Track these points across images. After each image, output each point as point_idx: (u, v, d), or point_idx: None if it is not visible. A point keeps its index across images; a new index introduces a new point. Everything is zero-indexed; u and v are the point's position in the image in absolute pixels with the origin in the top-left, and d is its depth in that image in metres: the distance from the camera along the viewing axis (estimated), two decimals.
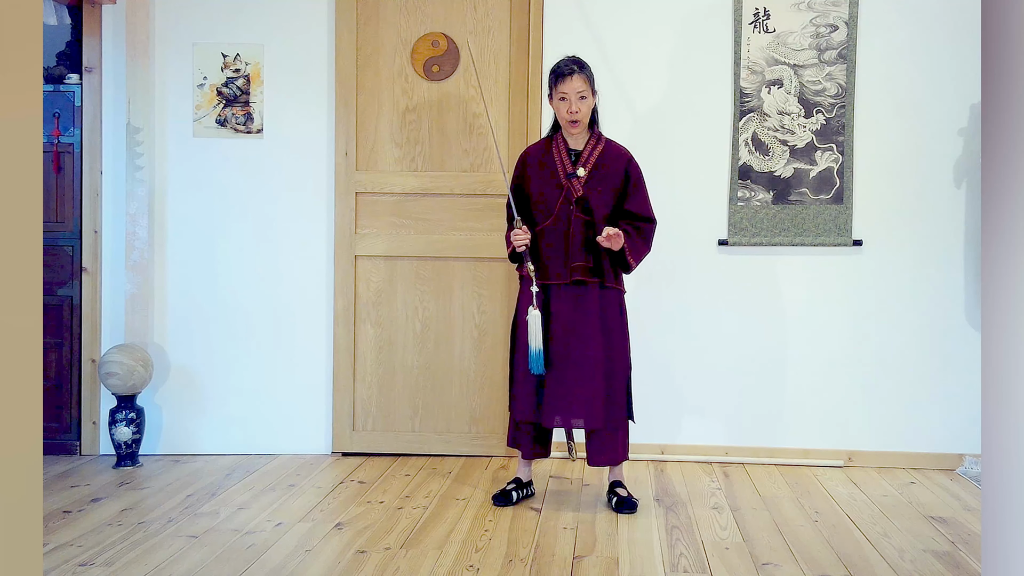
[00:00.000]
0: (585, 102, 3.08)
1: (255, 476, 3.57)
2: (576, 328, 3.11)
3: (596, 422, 3.10)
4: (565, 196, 3.11)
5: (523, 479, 3.28)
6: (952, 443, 3.76)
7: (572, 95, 3.06)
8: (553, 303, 3.13)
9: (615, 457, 3.19)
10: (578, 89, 3.06)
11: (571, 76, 3.05)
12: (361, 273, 3.89)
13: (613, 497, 3.18)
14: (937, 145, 3.74)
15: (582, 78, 3.06)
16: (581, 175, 3.10)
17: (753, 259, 3.81)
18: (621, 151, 3.18)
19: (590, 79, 3.10)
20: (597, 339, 3.10)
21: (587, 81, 3.08)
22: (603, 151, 3.15)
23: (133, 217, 3.84)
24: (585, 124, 3.14)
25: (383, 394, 3.90)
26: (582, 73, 3.07)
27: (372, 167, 3.88)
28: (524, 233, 3.09)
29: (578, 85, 3.06)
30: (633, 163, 3.17)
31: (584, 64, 3.11)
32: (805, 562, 2.68)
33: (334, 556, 2.70)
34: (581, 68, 3.08)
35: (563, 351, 3.11)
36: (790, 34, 3.75)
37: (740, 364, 3.82)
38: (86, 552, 2.71)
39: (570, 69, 3.07)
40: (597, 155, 3.14)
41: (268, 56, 3.86)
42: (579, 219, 3.10)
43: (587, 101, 3.09)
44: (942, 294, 3.76)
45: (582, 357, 3.09)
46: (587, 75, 3.09)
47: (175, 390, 3.91)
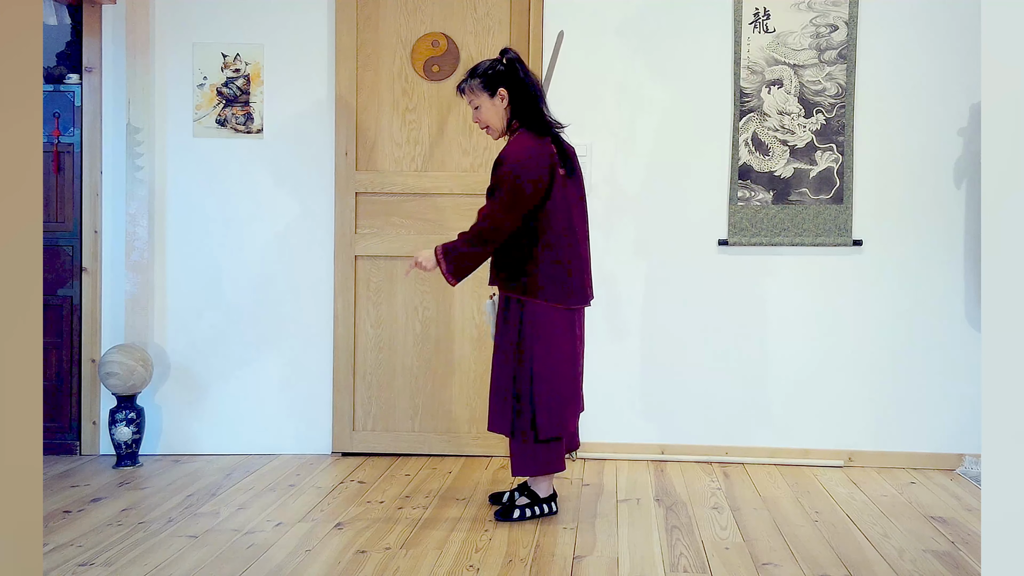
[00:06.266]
0: (480, 110, 2.98)
1: (255, 476, 3.57)
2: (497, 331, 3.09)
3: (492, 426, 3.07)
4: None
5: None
6: (952, 443, 3.76)
7: (470, 107, 3.03)
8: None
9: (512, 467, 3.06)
10: (470, 99, 3.00)
11: (461, 94, 3.02)
12: (361, 273, 3.89)
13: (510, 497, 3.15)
14: (937, 145, 3.74)
15: (468, 87, 2.97)
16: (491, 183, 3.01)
17: (753, 259, 3.81)
18: (508, 152, 2.92)
19: (479, 84, 2.95)
20: (497, 344, 3.07)
21: (475, 89, 2.96)
22: (498, 159, 2.95)
23: (133, 217, 3.84)
24: (500, 129, 3.00)
25: (383, 394, 3.90)
26: (469, 83, 2.98)
27: (372, 167, 3.88)
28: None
29: (469, 96, 2.99)
30: (504, 166, 2.89)
31: (475, 70, 2.98)
32: (805, 562, 2.68)
33: (334, 556, 2.70)
34: (469, 77, 2.98)
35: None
36: (790, 34, 3.75)
37: (740, 364, 3.82)
38: (86, 552, 2.71)
39: (460, 85, 3.01)
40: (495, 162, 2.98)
41: (268, 56, 3.86)
42: None
43: (482, 108, 2.97)
44: (942, 294, 3.76)
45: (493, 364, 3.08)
46: (474, 83, 2.96)
47: (175, 390, 3.91)
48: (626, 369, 3.86)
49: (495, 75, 2.96)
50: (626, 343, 3.85)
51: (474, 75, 2.98)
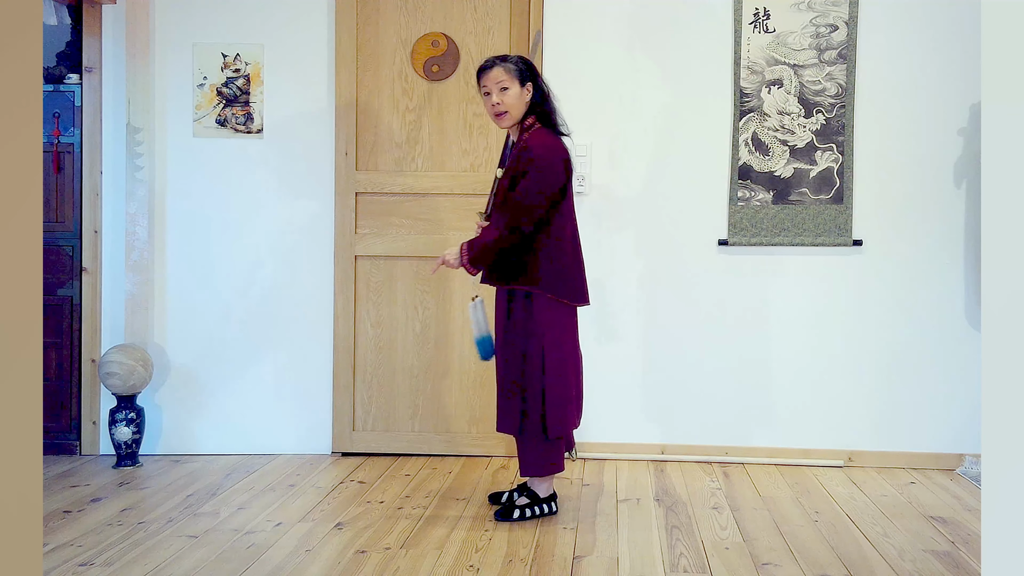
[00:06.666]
0: (508, 93, 2.96)
1: (255, 476, 3.57)
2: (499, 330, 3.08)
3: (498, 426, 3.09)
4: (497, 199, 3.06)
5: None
6: (952, 443, 3.76)
7: (493, 87, 2.97)
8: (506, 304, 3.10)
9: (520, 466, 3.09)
10: (498, 79, 2.96)
11: (490, 69, 2.98)
12: (361, 273, 3.89)
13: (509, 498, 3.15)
14: (937, 145, 3.74)
15: (502, 68, 2.97)
16: (499, 175, 3.03)
17: (753, 259, 3.81)
18: (531, 142, 2.95)
19: (515, 71, 2.97)
20: (499, 342, 3.06)
21: (510, 72, 2.97)
22: (522, 145, 2.97)
23: (133, 217, 3.84)
24: (515, 117, 2.99)
25: (383, 394, 3.90)
26: (503, 64, 2.98)
27: (372, 167, 3.88)
28: (479, 227, 3.09)
29: (497, 75, 2.97)
30: (528, 151, 2.93)
31: (508, 57, 3.01)
32: (805, 562, 2.68)
33: (334, 556, 2.70)
34: (503, 60, 3.00)
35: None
36: (790, 34, 3.74)
37: (740, 364, 3.82)
38: (86, 552, 2.71)
39: (490, 63, 3.00)
40: (516, 151, 3.00)
41: (268, 56, 3.86)
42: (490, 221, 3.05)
43: (510, 92, 2.95)
44: (942, 294, 3.76)
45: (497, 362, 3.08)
46: (509, 66, 2.98)
47: (175, 390, 3.91)
48: (626, 369, 3.86)
49: (526, 69, 3.02)
50: (626, 343, 3.85)
51: (507, 60, 3.00)
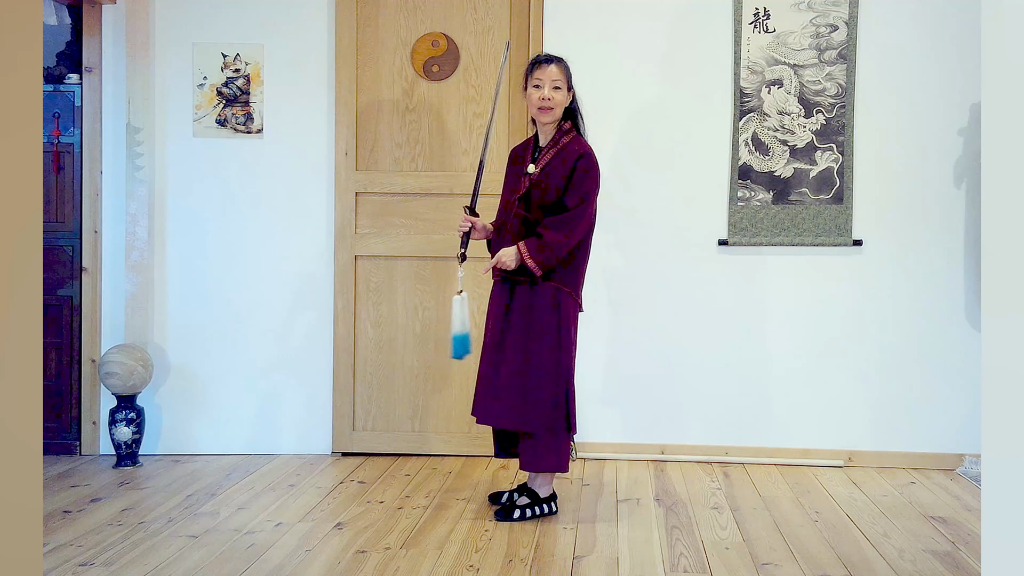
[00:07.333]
0: (559, 92, 3.02)
1: (255, 476, 3.57)
2: (510, 325, 3.06)
3: (507, 422, 3.06)
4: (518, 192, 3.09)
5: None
6: (952, 443, 3.76)
7: (546, 81, 3.01)
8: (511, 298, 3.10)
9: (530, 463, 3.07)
10: (553, 78, 3.01)
11: (548, 64, 3.02)
12: (361, 273, 3.89)
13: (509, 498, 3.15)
14: (937, 145, 3.74)
15: (560, 68, 3.03)
16: (532, 171, 3.06)
17: (753, 259, 3.81)
18: (579, 148, 3.03)
19: (568, 75, 3.05)
20: (517, 338, 3.04)
21: (564, 73, 3.04)
22: (562, 148, 3.04)
23: (133, 217, 3.84)
24: (557, 116, 3.05)
25: (383, 394, 3.90)
26: (561, 64, 3.04)
27: (372, 167, 3.88)
28: (466, 221, 3.10)
29: (554, 74, 3.01)
30: (585, 159, 3.00)
31: (563, 60, 3.07)
32: (805, 562, 2.68)
33: (334, 556, 2.70)
34: (559, 61, 3.05)
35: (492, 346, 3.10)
36: (790, 34, 3.74)
37: (740, 364, 3.82)
38: (86, 552, 2.71)
39: (548, 58, 3.05)
40: (555, 152, 3.05)
41: (268, 56, 3.86)
42: (519, 216, 3.06)
43: (561, 92, 3.02)
44: (942, 294, 3.76)
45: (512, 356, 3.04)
46: (565, 68, 3.05)
47: (175, 390, 3.91)
48: (626, 369, 3.85)
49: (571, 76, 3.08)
50: (626, 343, 3.85)
51: (563, 62, 3.07)
